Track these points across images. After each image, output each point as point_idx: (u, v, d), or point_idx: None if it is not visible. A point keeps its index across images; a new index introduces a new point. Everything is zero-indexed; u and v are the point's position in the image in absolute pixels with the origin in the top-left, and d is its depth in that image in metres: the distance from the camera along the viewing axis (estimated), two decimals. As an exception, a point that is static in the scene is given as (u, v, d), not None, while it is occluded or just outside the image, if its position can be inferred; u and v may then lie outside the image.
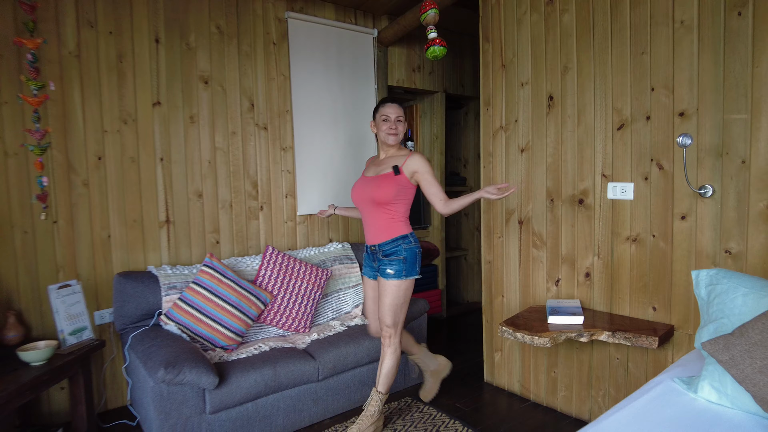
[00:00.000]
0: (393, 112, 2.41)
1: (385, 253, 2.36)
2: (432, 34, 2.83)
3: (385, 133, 2.41)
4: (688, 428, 1.32)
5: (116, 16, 2.66)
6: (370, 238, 2.42)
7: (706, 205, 2.02)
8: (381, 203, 2.33)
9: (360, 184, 2.47)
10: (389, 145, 2.44)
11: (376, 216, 2.38)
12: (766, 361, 1.25)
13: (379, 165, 2.45)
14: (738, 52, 1.89)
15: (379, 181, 2.34)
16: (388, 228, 2.36)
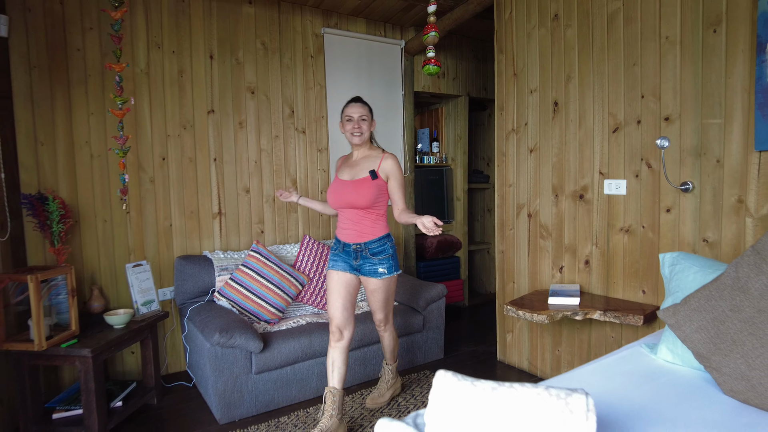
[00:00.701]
0: (356, 111, 2.40)
1: (373, 252, 2.39)
2: (430, 54, 3.14)
3: (349, 133, 2.41)
4: (640, 378, 1.62)
5: (178, 38, 3.12)
6: (352, 237, 2.42)
7: (687, 199, 2.28)
8: (366, 206, 2.36)
9: (337, 187, 2.44)
10: (355, 144, 2.44)
11: (359, 218, 2.40)
12: (702, 323, 1.54)
13: (354, 167, 2.45)
14: (713, 64, 2.15)
15: (359, 188, 2.35)
16: (373, 228, 2.40)
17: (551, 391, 1.08)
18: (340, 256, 2.47)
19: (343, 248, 2.46)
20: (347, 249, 2.44)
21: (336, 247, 2.50)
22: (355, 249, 2.41)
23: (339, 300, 2.43)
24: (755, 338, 1.41)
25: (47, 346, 2.27)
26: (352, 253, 2.43)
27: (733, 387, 1.44)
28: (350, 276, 2.45)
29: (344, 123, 2.43)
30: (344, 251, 2.45)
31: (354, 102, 2.44)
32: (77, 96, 2.83)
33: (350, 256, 2.44)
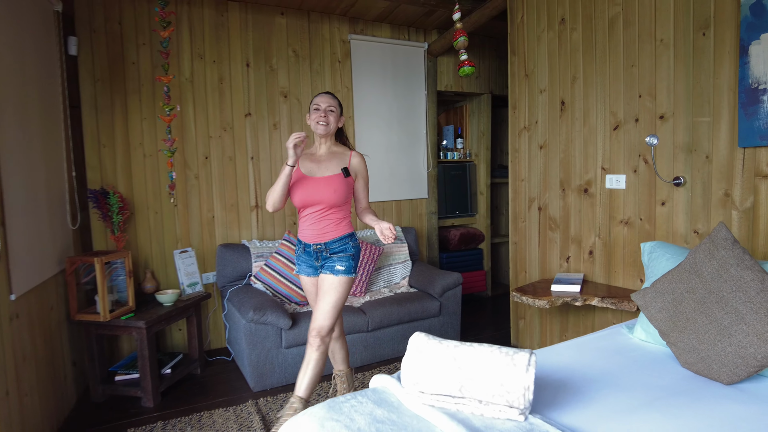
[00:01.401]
0: (324, 101, 2.30)
1: (333, 250, 2.30)
2: (463, 57, 3.35)
3: (314, 122, 2.29)
4: (610, 353, 1.83)
5: (218, 48, 3.48)
6: (314, 236, 2.31)
7: (680, 193, 2.43)
8: (335, 205, 2.29)
9: (305, 184, 2.28)
10: (320, 135, 2.32)
11: (322, 216, 2.29)
12: (663, 303, 1.72)
13: (319, 162, 2.33)
14: (702, 66, 2.29)
15: (331, 185, 2.25)
16: (337, 227, 2.31)
17: (502, 350, 1.33)
18: (302, 258, 2.38)
19: (303, 249, 2.36)
20: (308, 250, 2.34)
21: (298, 249, 2.40)
22: (316, 249, 2.32)
23: (312, 297, 2.43)
24: (705, 316, 1.59)
25: (110, 317, 2.68)
26: (313, 254, 2.33)
27: (687, 359, 1.63)
28: (315, 279, 2.39)
29: (311, 112, 2.32)
30: (305, 252, 2.35)
31: (324, 93, 2.36)
32: (132, 103, 3.24)
33: (311, 257, 2.34)
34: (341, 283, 2.28)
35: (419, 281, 3.64)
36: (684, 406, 1.39)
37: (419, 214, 4.42)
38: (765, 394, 1.45)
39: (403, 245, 3.90)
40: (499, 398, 1.27)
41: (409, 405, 1.35)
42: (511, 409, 1.26)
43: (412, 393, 1.36)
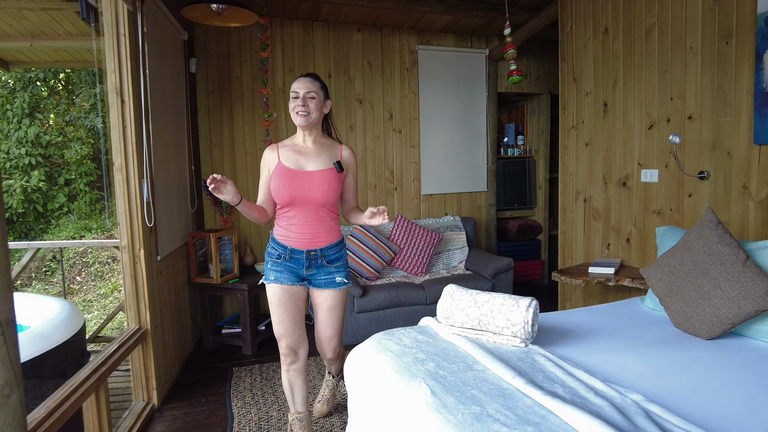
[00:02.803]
0: (303, 87, 2.03)
1: (330, 258, 2.12)
2: (512, 67, 3.72)
3: (293, 112, 2.05)
4: (617, 316, 2.20)
5: (305, 62, 4.13)
6: (305, 241, 2.08)
7: (704, 186, 2.70)
8: (328, 204, 2.08)
9: (292, 178, 2.04)
10: (300, 126, 2.07)
11: (317, 217, 2.08)
12: (662, 275, 2.08)
13: (306, 155, 2.09)
14: (725, 71, 2.55)
15: (325, 181, 2.06)
16: (330, 231, 2.13)
17: (512, 297, 1.79)
18: (286, 266, 2.10)
19: (290, 255, 2.09)
20: (296, 257, 2.09)
21: (279, 254, 2.11)
22: (309, 256, 2.09)
23: (288, 317, 2.10)
24: (691, 284, 1.94)
25: (220, 281, 3.40)
26: (304, 262, 2.09)
27: (677, 320, 1.99)
28: (298, 289, 2.13)
29: (290, 100, 2.07)
30: (292, 259, 2.09)
31: (303, 76, 2.08)
32: (236, 111, 3.97)
33: (300, 266, 2.10)
34: (344, 296, 2.18)
35: (474, 264, 4.09)
36: (661, 351, 1.77)
37: (478, 206, 4.84)
38: (733, 346, 1.79)
39: (461, 233, 4.36)
40: (507, 330, 1.73)
41: (442, 334, 1.85)
42: (515, 338, 1.72)
43: (444, 326, 1.86)
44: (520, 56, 4.88)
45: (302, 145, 2.12)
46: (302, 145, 2.12)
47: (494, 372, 1.52)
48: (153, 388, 2.72)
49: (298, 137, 2.14)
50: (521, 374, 1.46)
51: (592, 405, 1.27)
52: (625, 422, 1.18)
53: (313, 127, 2.10)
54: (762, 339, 1.82)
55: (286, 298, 2.10)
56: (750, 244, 1.95)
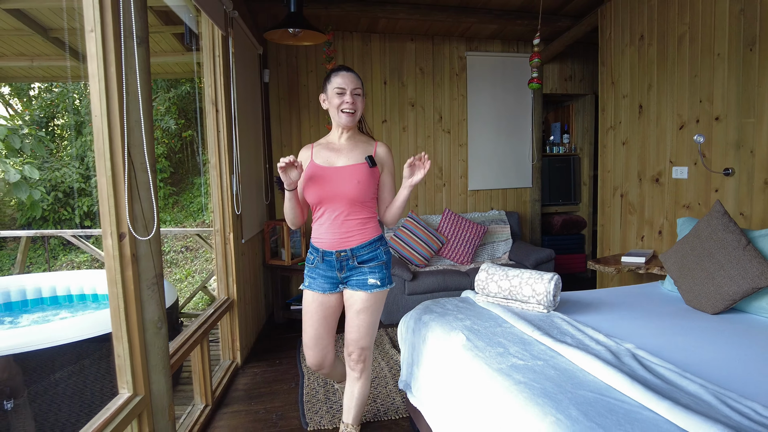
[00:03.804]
0: (349, 82, 1.88)
1: (362, 259, 1.93)
2: (534, 74, 4.00)
3: (337, 110, 1.90)
4: (636, 296, 2.51)
5: (363, 70, 4.59)
6: (336, 242, 1.92)
7: (729, 182, 2.93)
8: (358, 201, 1.91)
9: (322, 177, 1.90)
10: (345, 126, 1.94)
11: (344, 216, 1.91)
12: (675, 258, 2.37)
13: (338, 152, 1.96)
14: (750, 75, 2.78)
15: (354, 175, 1.89)
16: (363, 229, 1.94)
17: (539, 272, 2.16)
18: (318, 271, 1.96)
19: (323, 258, 1.94)
20: (328, 259, 1.93)
21: (312, 260, 2.00)
22: (340, 258, 1.92)
23: (312, 328, 2.00)
24: (699, 266, 2.23)
25: (291, 263, 3.92)
26: (335, 264, 1.93)
27: (687, 298, 2.28)
28: (330, 297, 1.98)
29: (331, 96, 1.91)
30: (324, 262, 1.94)
31: (345, 70, 1.92)
32: (303, 115, 4.49)
33: (332, 268, 1.94)
34: (377, 300, 1.96)
35: (517, 255, 4.42)
36: (666, 321, 2.09)
37: (523, 201, 5.15)
38: (732, 319, 2.08)
39: (506, 226, 4.69)
40: (532, 299, 2.11)
41: (479, 302, 2.25)
42: (539, 305, 2.10)
43: (480, 296, 2.25)
44: (565, 58, 5.14)
45: (336, 143, 2.00)
46: (337, 142, 2.00)
47: (518, 328, 1.90)
48: (237, 349, 3.26)
49: (333, 135, 2.03)
50: (539, 329, 1.84)
51: (591, 349, 1.64)
52: (615, 360, 1.55)
53: (354, 125, 1.98)
54: (760, 314, 2.10)
55: (314, 307, 1.99)
56: (753, 232, 2.21)
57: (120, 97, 1.64)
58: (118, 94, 1.63)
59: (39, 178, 8.22)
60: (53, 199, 8.92)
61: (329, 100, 1.94)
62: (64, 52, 4.24)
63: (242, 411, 2.68)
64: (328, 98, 1.94)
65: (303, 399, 2.76)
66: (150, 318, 1.80)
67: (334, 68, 1.96)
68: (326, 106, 1.98)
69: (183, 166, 9.84)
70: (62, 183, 9.18)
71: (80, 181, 9.34)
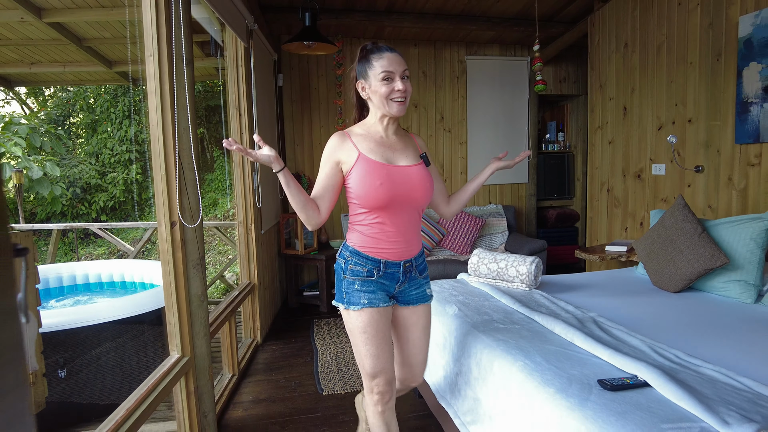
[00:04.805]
0: (397, 64, 1.57)
1: (421, 268, 1.77)
2: (538, 77, 4.33)
3: (386, 99, 1.56)
4: (607, 277, 2.85)
5: (370, 74, 4.93)
6: (404, 251, 1.68)
7: (699, 178, 3.26)
8: (425, 206, 1.71)
9: (390, 175, 1.59)
10: (394, 116, 1.61)
11: (412, 221, 1.68)
12: (645, 245, 2.71)
13: (394, 148, 1.65)
14: (717, 82, 3.10)
15: (428, 177, 1.68)
16: (420, 235, 1.78)
17: (523, 256, 2.50)
18: (378, 284, 1.66)
19: (383, 270, 1.66)
20: (391, 271, 1.67)
21: (370, 270, 1.65)
22: (405, 269, 1.69)
23: (387, 348, 1.68)
24: (663, 251, 2.57)
25: (304, 253, 4.29)
26: (399, 276, 1.68)
27: (654, 279, 2.62)
28: (390, 309, 1.71)
29: (376, 84, 1.56)
30: (386, 275, 1.67)
31: (389, 50, 1.59)
32: (314, 116, 4.84)
33: (393, 281, 1.69)
34: (431, 310, 1.86)
35: (512, 246, 4.76)
36: (631, 297, 2.43)
37: (519, 196, 5.48)
38: (689, 296, 2.42)
39: (502, 219, 5.04)
40: (516, 279, 2.46)
41: (471, 282, 2.60)
42: (522, 284, 2.44)
43: (472, 277, 2.61)
44: (560, 61, 5.46)
45: (385, 137, 1.65)
46: (385, 136, 1.65)
47: (502, 302, 2.26)
48: (258, 328, 3.63)
49: (376, 126, 1.65)
50: (520, 302, 2.19)
51: (560, 316, 1.99)
52: (579, 324, 1.89)
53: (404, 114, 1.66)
54: (713, 292, 2.44)
55: (382, 324, 1.65)
56: (708, 221, 2.55)
57: (172, 110, 1.99)
58: (171, 107, 1.99)
59: (60, 175, 8.62)
60: (71, 195, 9.33)
61: (373, 89, 1.57)
62: (94, 58, 4.60)
63: (264, 380, 3.05)
64: (371, 86, 1.58)
65: (318, 370, 3.12)
66: (194, 292, 2.17)
67: (369, 47, 1.61)
68: (366, 95, 1.62)
69: (196, 162, 10.19)
70: (80, 179, 9.59)
71: (96, 177, 9.74)
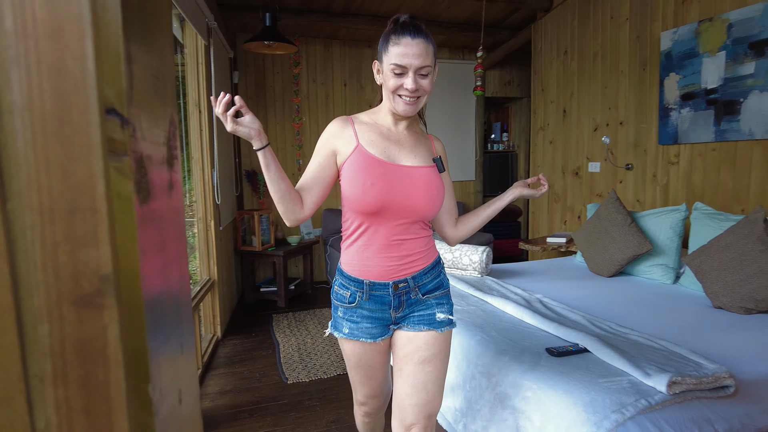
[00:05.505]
0: (415, 56, 1.24)
1: (427, 288, 1.41)
2: (478, 83, 4.61)
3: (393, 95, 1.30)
4: (555, 266, 3.13)
5: (325, 74, 5.04)
6: (393, 269, 1.36)
7: (630, 175, 3.61)
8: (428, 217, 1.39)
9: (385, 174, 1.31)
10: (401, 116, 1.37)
11: (410, 232, 1.37)
12: (583, 234, 3.00)
13: (401, 144, 1.38)
14: (643, 89, 3.45)
15: (436, 184, 1.38)
16: (427, 247, 1.43)
17: (475, 246, 2.72)
18: (362, 312, 1.40)
19: (369, 293, 1.38)
20: (378, 294, 1.38)
21: (353, 296, 1.39)
22: (399, 291, 1.38)
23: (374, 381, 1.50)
24: (598, 240, 2.86)
25: (261, 249, 4.34)
26: (391, 300, 1.38)
27: (591, 266, 2.91)
28: (383, 344, 1.44)
29: (387, 73, 1.29)
30: (372, 299, 1.38)
31: (412, 35, 1.25)
32: (270, 114, 4.89)
33: (385, 306, 1.39)
34: (447, 343, 1.43)
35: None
36: (570, 281, 2.70)
37: (468, 193, 5.76)
38: (620, 280, 2.72)
39: (453, 214, 5.28)
40: (470, 267, 2.66)
41: (428, 271, 2.79)
42: (475, 271, 2.66)
43: (430, 266, 2.79)
44: (505, 65, 5.78)
45: (393, 130, 1.39)
46: (393, 129, 1.39)
47: (458, 287, 2.45)
48: (218, 324, 3.67)
49: (386, 117, 1.40)
50: (474, 287, 2.39)
51: (510, 298, 2.21)
52: (527, 304, 2.12)
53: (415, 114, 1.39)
54: (640, 275, 2.75)
55: (367, 359, 1.44)
56: (636, 213, 2.87)
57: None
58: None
59: None
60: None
61: (384, 76, 1.31)
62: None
63: (228, 372, 3.10)
64: (383, 72, 1.31)
65: (281, 361, 3.22)
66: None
67: (392, 27, 1.28)
68: (379, 80, 1.35)
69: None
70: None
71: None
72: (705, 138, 2.92)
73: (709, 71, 2.87)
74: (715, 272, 2.19)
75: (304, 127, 5.01)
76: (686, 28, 3.01)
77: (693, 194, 3.04)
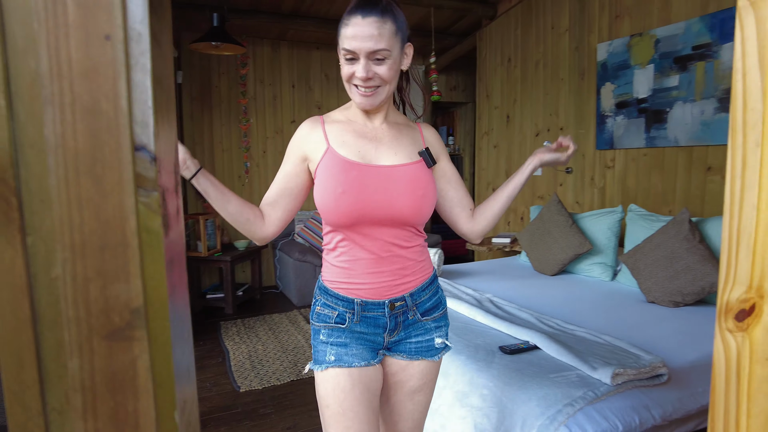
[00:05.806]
0: (363, 37, 1.06)
1: (426, 307, 1.24)
2: (434, 88, 4.73)
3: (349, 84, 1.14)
4: (501, 266, 3.24)
5: (273, 75, 4.97)
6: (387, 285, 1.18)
7: (570, 178, 3.80)
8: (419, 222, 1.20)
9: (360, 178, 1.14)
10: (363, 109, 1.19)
11: (401, 242, 1.18)
12: (527, 236, 3.13)
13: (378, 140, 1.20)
14: (582, 97, 3.65)
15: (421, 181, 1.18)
16: (422, 261, 1.25)
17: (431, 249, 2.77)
18: (356, 335, 1.20)
19: (361, 315, 1.19)
20: (372, 314, 1.19)
21: (341, 315, 1.19)
22: (396, 312, 1.20)
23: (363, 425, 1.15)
24: (542, 240, 3.00)
25: (207, 254, 4.22)
26: (386, 321, 1.20)
27: (535, 265, 3.05)
28: (373, 371, 1.21)
29: (341, 58, 1.13)
30: (365, 321, 1.19)
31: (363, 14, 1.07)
32: (215, 115, 4.76)
33: (379, 329, 1.20)
34: (439, 365, 1.31)
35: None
36: (517, 280, 2.81)
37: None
38: (563, 278, 2.87)
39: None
40: (422, 269, 2.72)
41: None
42: (427, 274, 2.72)
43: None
44: (451, 71, 5.92)
45: (369, 126, 1.23)
46: (368, 125, 1.23)
47: (412, 290, 2.50)
48: (163, 332, 3.53)
49: (356, 112, 1.23)
50: (427, 289, 2.45)
51: (462, 298, 2.28)
52: (478, 304, 2.19)
53: (383, 105, 1.20)
54: (581, 274, 2.91)
55: (358, 392, 1.17)
56: (577, 215, 3.03)
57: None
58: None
59: None
60: None
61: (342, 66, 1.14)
62: None
63: (175, 383, 3.00)
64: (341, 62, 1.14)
65: (232, 369, 3.14)
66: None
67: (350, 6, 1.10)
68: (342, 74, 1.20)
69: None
70: None
71: None
72: (637, 144, 3.13)
73: (640, 82, 3.09)
74: (648, 269, 2.36)
75: (251, 129, 4.92)
76: (620, 41, 3.22)
77: (627, 196, 3.25)
